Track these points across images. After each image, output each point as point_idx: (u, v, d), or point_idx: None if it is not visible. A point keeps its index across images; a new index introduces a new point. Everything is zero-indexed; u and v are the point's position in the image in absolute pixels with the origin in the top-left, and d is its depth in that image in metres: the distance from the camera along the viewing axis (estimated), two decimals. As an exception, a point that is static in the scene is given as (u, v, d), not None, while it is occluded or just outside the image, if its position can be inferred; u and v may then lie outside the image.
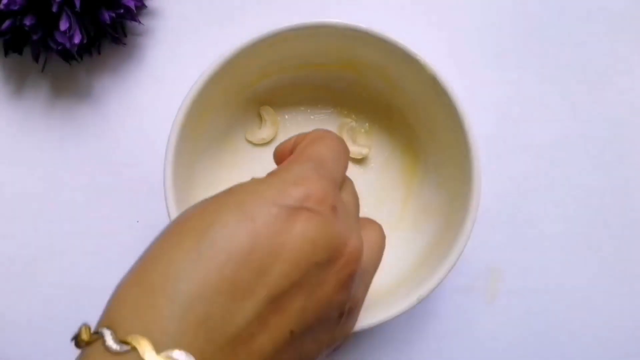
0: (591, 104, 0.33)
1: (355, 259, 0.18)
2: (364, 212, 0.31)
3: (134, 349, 0.14)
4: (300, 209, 0.17)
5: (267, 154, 0.32)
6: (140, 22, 0.32)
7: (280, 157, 0.22)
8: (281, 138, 0.32)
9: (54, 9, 0.28)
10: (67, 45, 0.29)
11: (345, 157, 0.21)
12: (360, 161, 0.32)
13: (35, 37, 0.29)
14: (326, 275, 0.17)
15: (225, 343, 0.15)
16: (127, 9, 0.30)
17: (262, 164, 0.31)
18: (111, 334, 0.14)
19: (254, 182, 0.18)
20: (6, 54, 0.32)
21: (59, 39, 0.29)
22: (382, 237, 0.21)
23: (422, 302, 0.32)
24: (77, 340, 0.16)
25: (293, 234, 0.16)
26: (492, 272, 0.32)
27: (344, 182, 0.21)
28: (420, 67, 0.26)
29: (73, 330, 0.18)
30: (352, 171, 0.32)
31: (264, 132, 0.31)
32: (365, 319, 0.25)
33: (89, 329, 0.15)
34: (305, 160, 0.19)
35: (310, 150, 0.20)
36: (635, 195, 0.33)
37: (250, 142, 0.31)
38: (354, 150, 0.31)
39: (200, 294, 0.15)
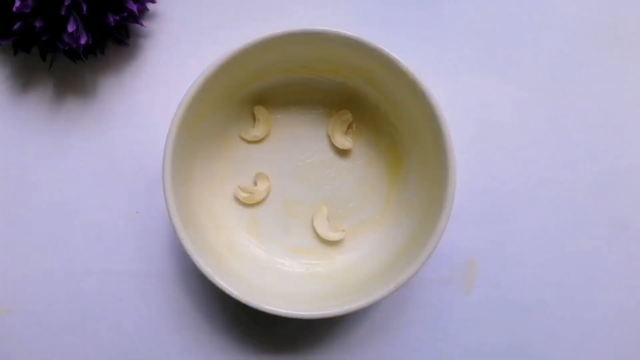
0: (566, 108, 0.35)
1: None
2: (349, 206, 0.33)
3: None
4: None
5: (260, 150, 0.34)
6: (142, 25, 0.34)
7: None
8: (273, 136, 0.34)
9: (63, 12, 0.30)
10: (74, 45, 0.31)
11: None
12: (346, 155, 0.34)
13: (44, 38, 0.31)
14: None
15: None
16: (131, 12, 0.32)
17: (254, 159, 0.34)
18: None
19: None
20: (15, 52, 0.34)
21: (67, 40, 0.31)
22: None
23: (403, 291, 0.34)
24: None
25: None
26: (470, 265, 0.34)
27: None
28: (402, 73, 0.28)
29: (77, 313, 0.19)
30: (341, 165, 0.34)
31: (257, 131, 0.33)
32: (349, 304, 0.27)
33: None
34: None
35: None
36: (602, 193, 0.35)
37: (244, 139, 0.33)
38: (341, 141, 0.33)
39: None
